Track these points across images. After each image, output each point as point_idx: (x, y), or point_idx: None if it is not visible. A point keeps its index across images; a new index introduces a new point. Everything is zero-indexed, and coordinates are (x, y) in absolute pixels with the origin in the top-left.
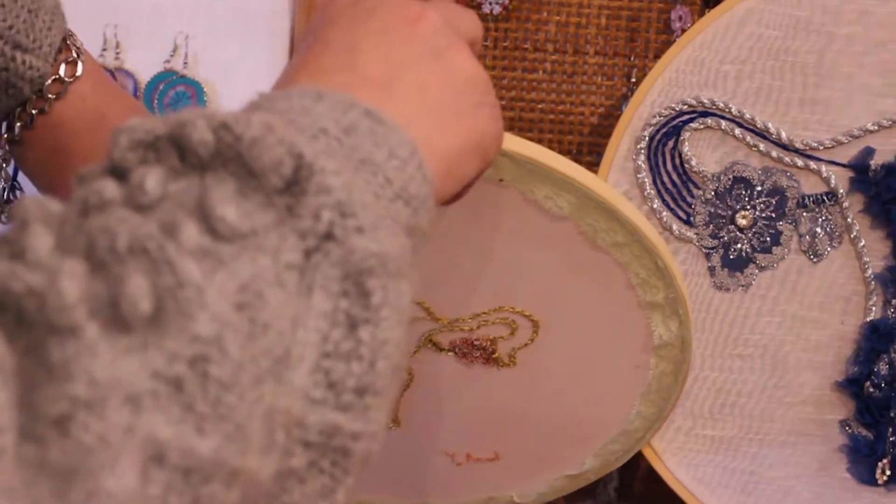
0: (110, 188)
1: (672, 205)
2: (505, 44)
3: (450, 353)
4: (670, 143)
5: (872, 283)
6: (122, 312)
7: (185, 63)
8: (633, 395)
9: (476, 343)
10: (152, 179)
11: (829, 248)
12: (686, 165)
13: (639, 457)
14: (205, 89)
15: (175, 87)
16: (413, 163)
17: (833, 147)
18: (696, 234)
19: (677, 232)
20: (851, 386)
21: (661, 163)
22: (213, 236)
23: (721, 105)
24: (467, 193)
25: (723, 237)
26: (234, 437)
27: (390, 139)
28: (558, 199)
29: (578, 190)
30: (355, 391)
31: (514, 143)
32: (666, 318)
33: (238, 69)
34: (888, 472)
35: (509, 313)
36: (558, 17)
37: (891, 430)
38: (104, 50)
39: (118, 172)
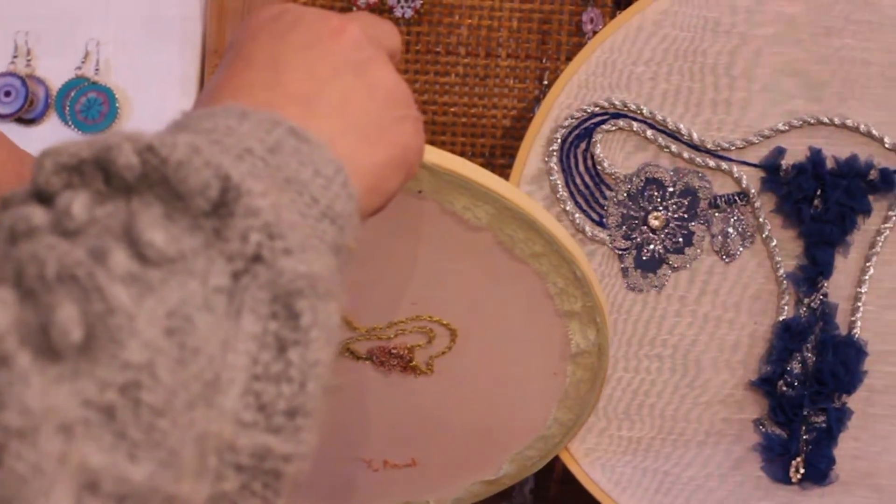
0: (37, 214)
1: (585, 207)
2: (417, 47)
3: (367, 362)
4: (582, 146)
5: (784, 282)
6: (53, 340)
7: (97, 69)
8: (550, 401)
9: (393, 351)
10: (79, 204)
11: (741, 248)
12: (598, 167)
13: (554, 458)
14: (116, 96)
15: (87, 94)
16: (338, 181)
17: (744, 147)
18: (609, 235)
19: (590, 234)
20: (765, 385)
21: (573, 165)
22: (142, 261)
23: (633, 107)
24: (387, 205)
25: (635, 238)
26: (167, 463)
27: (315, 157)
28: (476, 210)
29: (497, 201)
30: (286, 413)
31: (434, 155)
32: (583, 327)
33: (150, 75)
34: (802, 471)
35: (427, 322)
36: (470, 21)
37: (804, 428)
38: (15, 57)
39: (43, 197)
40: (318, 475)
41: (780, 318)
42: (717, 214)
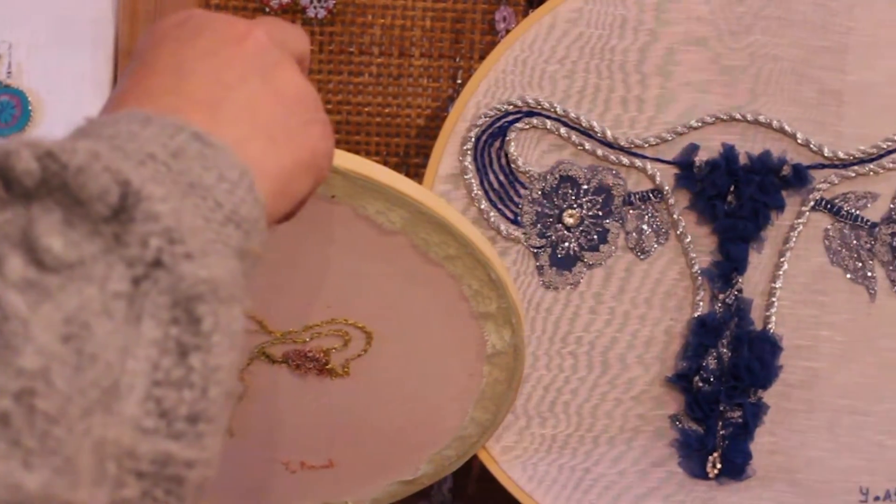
0: None
1: (499, 205)
2: (330, 48)
3: (283, 365)
4: (496, 144)
5: (699, 278)
6: None
7: (9, 72)
8: (466, 402)
9: (309, 355)
10: None
11: (655, 245)
12: (512, 165)
13: (472, 457)
14: (29, 99)
15: None
16: (244, 185)
17: (658, 144)
18: (524, 233)
19: (505, 232)
20: (680, 381)
21: (487, 163)
22: (39, 267)
23: (546, 105)
24: (300, 211)
25: (550, 236)
26: (63, 470)
27: (220, 162)
28: (390, 214)
29: (410, 205)
30: (188, 419)
31: (347, 160)
32: (499, 328)
33: (63, 78)
34: (718, 466)
35: (342, 325)
36: (383, 20)
37: (720, 424)
38: None
39: None
40: (234, 477)
41: (696, 314)
42: (631, 211)
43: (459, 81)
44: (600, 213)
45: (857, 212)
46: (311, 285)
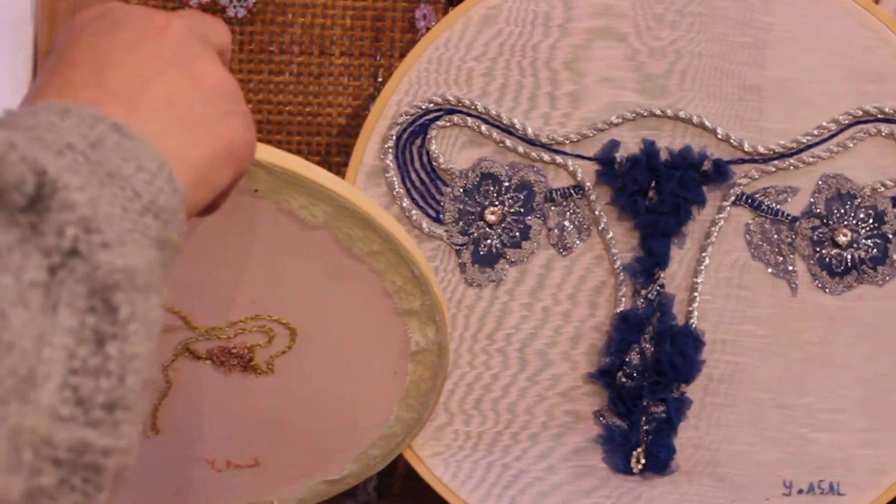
0: None
1: (421, 203)
2: (250, 47)
3: (207, 362)
4: (418, 142)
5: (621, 274)
6: None
7: None
8: (391, 400)
9: (233, 351)
10: None
11: (577, 241)
12: (434, 163)
13: (398, 455)
14: None
15: None
16: (162, 175)
17: (579, 141)
18: (446, 231)
19: (427, 230)
20: (604, 377)
21: (409, 161)
22: None
23: (467, 102)
24: (223, 204)
25: (472, 234)
26: None
27: (138, 152)
28: (313, 208)
29: (334, 200)
30: (104, 407)
31: (270, 154)
32: (422, 325)
33: None
34: (643, 461)
35: (266, 321)
36: (303, 19)
37: (644, 419)
38: None
39: None
40: (159, 476)
41: (618, 310)
42: (553, 208)
43: (380, 80)
44: (522, 210)
45: (778, 206)
46: (234, 280)
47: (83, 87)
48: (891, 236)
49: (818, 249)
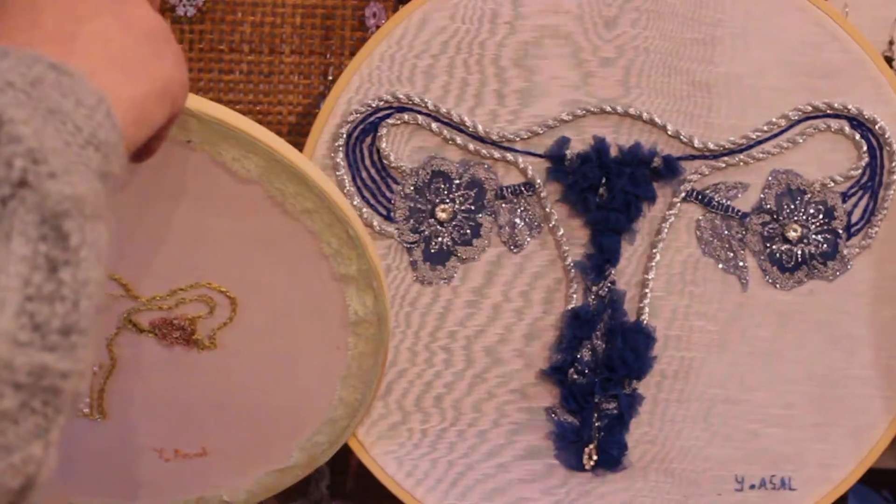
0: None
1: (372, 201)
2: (200, 46)
3: (150, 335)
4: (368, 140)
5: (572, 270)
6: None
7: None
8: (334, 379)
9: (175, 322)
10: None
11: (528, 239)
12: (384, 161)
13: (349, 454)
14: None
15: None
16: (101, 110)
17: (529, 138)
18: (397, 229)
19: (378, 228)
20: (555, 374)
21: (359, 159)
22: None
23: (417, 100)
24: (157, 151)
25: (423, 231)
26: None
27: (77, 89)
28: (245, 161)
29: (266, 152)
30: (60, 331)
31: (202, 104)
32: (360, 293)
33: None
34: (595, 458)
35: (206, 290)
36: (253, 18)
37: (596, 415)
38: None
39: None
40: (109, 467)
41: (569, 307)
42: (503, 205)
43: (330, 78)
44: (473, 208)
45: (728, 202)
46: (173, 245)
47: (19, 32)
48: (841, 231)
49: (768, 245)
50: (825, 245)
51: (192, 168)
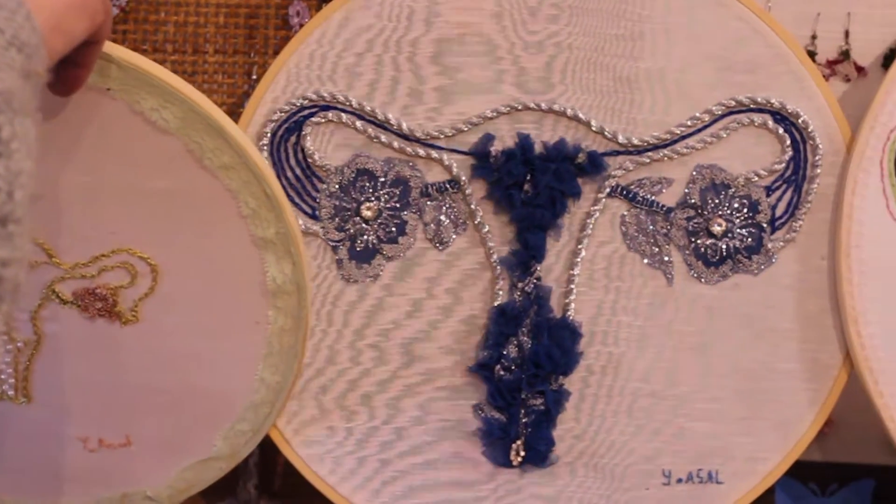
0: None
1: (297, 200)
2: (124, 46)
3: (73, 307)
4: (293, 139)
5: (498, 267)
6: None
7: None
8: (255, 357)
9: (98, 293)
10: None
11: (454, 236)
12: (309, 160)
13: (277, 453)
14: None
15: None
16: (21, 13)
17: (453, 135)
18: (323, 227)
19: (303, 226)
20: (482, 370)
21: (284, 158)
22: None
23: (341, 98)
24: (81, 88)
25: (349, 229)
26: None
27: None
28: (164, 111)
29: (184, 103)
30: None
31: (124, 52)
32: (279, 259)
33: None
34: (522, 454)
35: (128, 256)
36: (176, 18)
37: (523, 411)
38: None
39: None
40: (33, 459)
41: (496, 304)
42: (429, 203)
43: (254, 77)
44: (398, 206)
45: (653, 197)
46: (93, 204)
47: None
48: (765, 225)
49: (693, 240)
50: (749, 239)
51: (111, 118)
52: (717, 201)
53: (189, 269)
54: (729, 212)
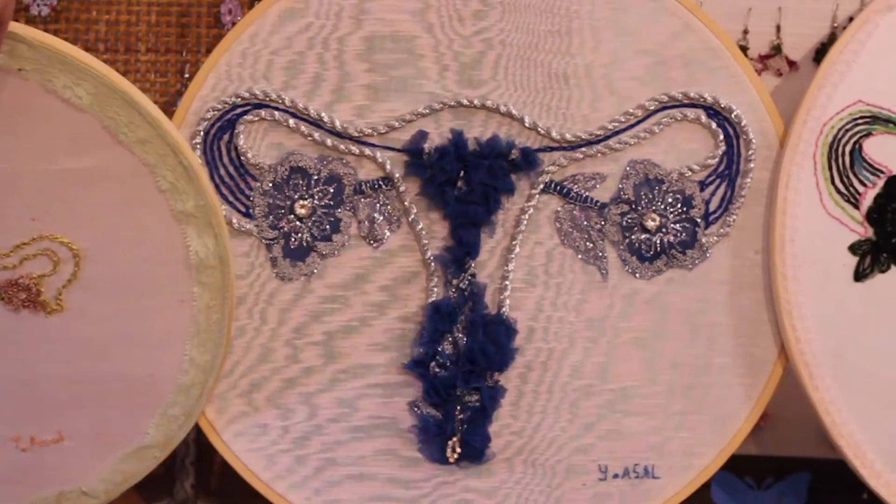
0: None
1: (231, 198)
2: None
3: None
4: (226, 137)
5: (432, 264)
6: None
7: None
8: (182, 338)
9: (21, 283)
10: None
11: (388, 233)
12: (242, 158)
13: (213, 452)
14: None
15: None
16: None
17: (387, 133)
18: (257, 226)
19: (237, 225)
20: (417, 367)
21: (217, 157)
22: None
23: (274, 96)
24: None
25: (283, 228)
26: None
27: None
28: (77, 88)
29: (96, 78)
30: None
31: (33, 32)
32: (201, 233)
33: None
34: (458, 450)
35: (49, 242)
36: (108, 16)
37: (459, 408)
38: None
39: None
40: None
41: (430, 300)
42: (362, 200)
43: (187, 76)
44: (332, 203)
45: (587, 193)
46: (12, 191)
47: None
48: (699, 220)
49: (627, 235)
50: (683, 234)
51: (24, 100)
52: (650, 196)
53: (111, 251)
54: (663, 207)
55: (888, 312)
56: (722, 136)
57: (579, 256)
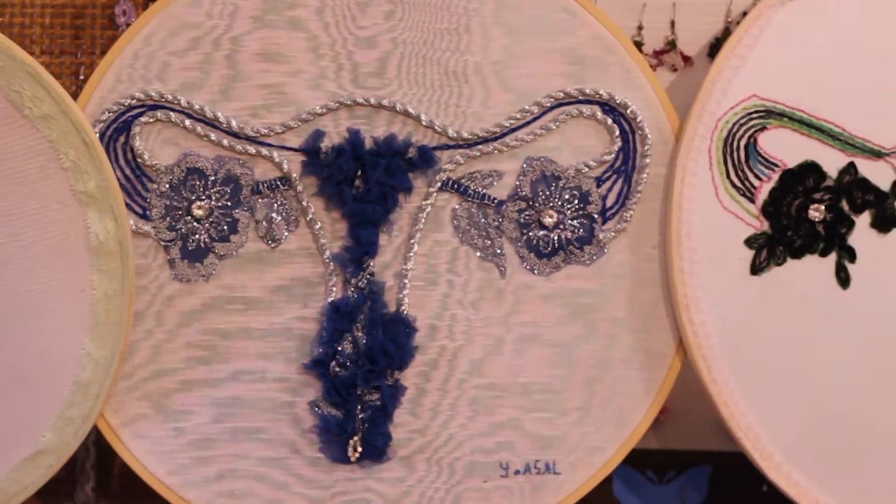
0: None
1: (128, 200)
2: None
3: None
4: (122, 139)
5: (331, 263)
6: None
7: None
8: (80, 330)
9: None
10: None
11: (286, 233)
12: (139, 160)
13: (113, 455)
14: None
15: None
16: None
17: (283, 132)
18: (154, 227)
19: (134, 227)
20: (317, 367)
21: (113, 158)
22: None
23: (170, 97)
24: None
25: (180, 229)
26: None
27: None
28: None
29: (2, 51)
30: None
31: None
32: (102, 215)
33: None
34: (360, 449)
35: None
36: (1, 19)
37: (359, 407)
38: None
39: None
40: None
41: (329, 300)
42: (260, 200)
43: (82, 77)
44: (229, 204)
45: (484, 190)
46: None
47: None
48: (596, 216)
49: (525, 232)
50: (581, 230)
51: None
52: (547, 193)
53: (10, 233)
54: (560, 203)
55: (785, 306)
56: (618, 132)
57: (478, 254)
